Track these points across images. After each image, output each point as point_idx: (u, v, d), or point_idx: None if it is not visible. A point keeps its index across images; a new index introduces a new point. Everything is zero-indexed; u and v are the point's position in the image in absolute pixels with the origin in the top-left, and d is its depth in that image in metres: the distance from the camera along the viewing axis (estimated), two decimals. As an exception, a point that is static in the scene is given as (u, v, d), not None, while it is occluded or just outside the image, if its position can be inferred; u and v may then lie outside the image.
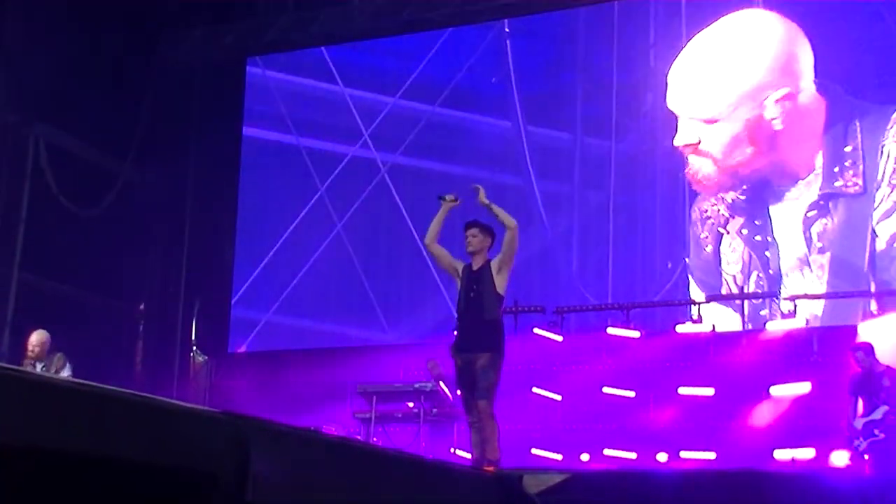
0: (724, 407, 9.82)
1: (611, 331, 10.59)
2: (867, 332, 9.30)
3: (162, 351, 13.52)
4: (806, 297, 10.41)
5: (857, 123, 10.83)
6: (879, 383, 8.28)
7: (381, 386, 9.70)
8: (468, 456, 9.41)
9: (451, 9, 12.84)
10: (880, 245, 10.50)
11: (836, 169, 10.81)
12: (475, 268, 6.92)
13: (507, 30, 12.97)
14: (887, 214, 10.53)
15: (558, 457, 9.97)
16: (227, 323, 13.31)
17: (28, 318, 11.14)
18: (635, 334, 10.52)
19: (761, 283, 10.92)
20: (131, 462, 2.25)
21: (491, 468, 6.28)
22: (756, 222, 11.15)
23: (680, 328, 10.59)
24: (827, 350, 9.92)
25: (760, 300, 10.81)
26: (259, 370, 13.14)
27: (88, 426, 1.97)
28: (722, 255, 11.25)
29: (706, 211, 11.41)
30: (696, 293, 11.10)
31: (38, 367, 8.11)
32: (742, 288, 10.94)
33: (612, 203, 11.98)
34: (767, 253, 10.99)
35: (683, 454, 9.62)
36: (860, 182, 10.64)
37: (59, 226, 11.96)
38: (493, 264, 6.89)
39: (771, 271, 10.88)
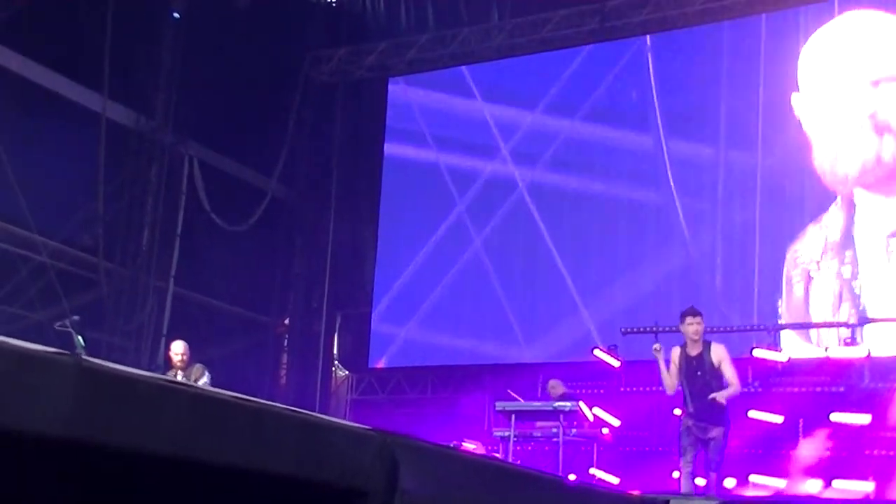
0: (881, 434, 9.32)
1: (757, 353, 10.21)
2: None
3: (305, 365, 13.87)
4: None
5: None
6: None
7: (519, 404, 9.63)
8: (608, 477, 9.26)
9: (591, 26, 12.76)
10: None
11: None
12: (693, 353, 7.48)
13: (648, 44, 12.77)
14: None
15: (702, 481, 9.67)
16: (367, 338, 13.53)
17: (181, 331, 11.65)
18: (783, 357, 10.11)
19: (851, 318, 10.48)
20: (285, 477, 2.28)
21: None
22: (846, 253, 10.70)
23: (831, 352, 10.11)
24: None
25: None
26: (398, 385, 13.31)
27: (246, 440, 2.02)
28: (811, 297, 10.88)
29: (797, 252, 11.02)
30: (788, 338, 10.70)
31: (180, 376, 8.45)
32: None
33: (758, 220, 11.60)
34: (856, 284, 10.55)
35: (837, 483, 9.16)
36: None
37: (210, 241, 12.47)
38: (715, 356, 7.46)
39: (861, 306, 10.47)
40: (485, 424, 11.13)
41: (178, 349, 8.78)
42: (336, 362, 13.96)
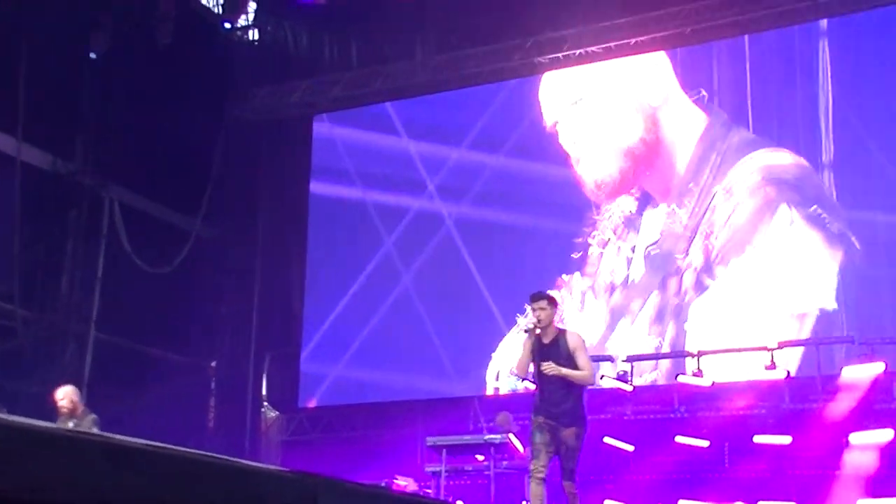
0: (803, 454, 9.53)
1: (681, 379, 10.39)
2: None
3: (233, 407, 13.65)
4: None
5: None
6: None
7: (450, 438, 9.62)
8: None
9: (513, 63, 12.94)
10: None
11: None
12: (546, 340, 6.80)
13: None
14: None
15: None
16: (296, 378, 13.38)
17: (103, 376, 11.39)
18: (707, 382, 10.30)
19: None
20: (204, 523, 2.25)
21: None
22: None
23: (753, 375, 10.33)
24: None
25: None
26: (329, 424, 13.17)
27: (165, 489, 1.99)
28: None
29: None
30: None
31: (71, 424, 7.77)
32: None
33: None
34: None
35: (762, 505, 9.33)
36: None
37: (132, 284, 12.22)
38: (571, 343, 6.79)
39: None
40: (417, 460, 11.08)
41: (60, 394, 7.89)
42: (266, 403, 13.76)
